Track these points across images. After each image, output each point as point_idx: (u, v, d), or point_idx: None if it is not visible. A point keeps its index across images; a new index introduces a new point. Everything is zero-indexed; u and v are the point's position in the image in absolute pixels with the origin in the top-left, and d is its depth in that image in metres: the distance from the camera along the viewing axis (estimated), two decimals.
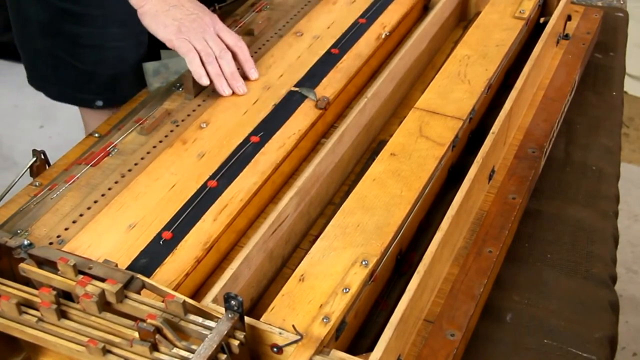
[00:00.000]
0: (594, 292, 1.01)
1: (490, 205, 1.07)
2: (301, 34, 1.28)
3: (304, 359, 0.76)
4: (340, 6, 1.35)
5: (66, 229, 0.93)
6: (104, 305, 0.77)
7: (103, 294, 0.77)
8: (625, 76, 1.47)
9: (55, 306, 0.77)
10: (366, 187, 0.97)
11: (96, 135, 1.14)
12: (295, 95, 1.15)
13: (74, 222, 0.94)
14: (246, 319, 0.77)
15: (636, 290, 2.06)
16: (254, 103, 1.13)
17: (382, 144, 1.07)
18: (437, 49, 1.38)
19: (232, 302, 0.74)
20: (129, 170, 1.01)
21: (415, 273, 0.84)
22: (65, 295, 0.80)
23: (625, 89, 1.44)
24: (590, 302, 0.99)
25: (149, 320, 0.74)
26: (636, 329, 1.95)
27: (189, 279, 0.90)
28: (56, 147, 1.22)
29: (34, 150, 1.07)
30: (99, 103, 1.37)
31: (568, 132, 1.28)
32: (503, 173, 1.12)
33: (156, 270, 0.88)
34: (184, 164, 1.02)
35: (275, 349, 0.78)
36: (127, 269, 0.85)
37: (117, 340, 0.76)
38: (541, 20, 1.42)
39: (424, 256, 0.86)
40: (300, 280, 0.85)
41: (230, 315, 0.75)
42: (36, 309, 0.79)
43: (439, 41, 1.38)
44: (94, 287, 0.77)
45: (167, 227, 0.93)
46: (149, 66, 1.23)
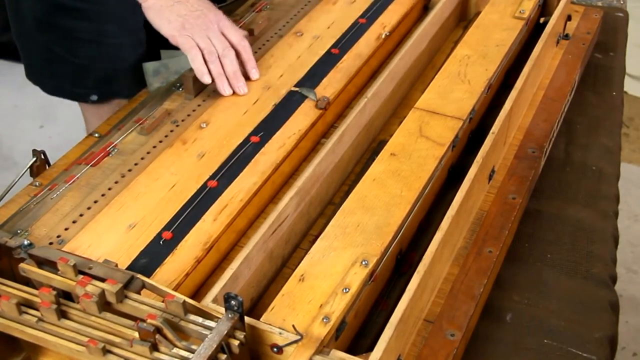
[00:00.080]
0: (594, 292, 1.01)
1: (490, 205, 1.07)
2: (301, 34, 1.28)
3: (304, 359, 0.76)
4: (340, 6, 1.35)
5: (66, 229, 0.93)
6: (104, 305, 0.77)
7: (103, 294, 0.77)
8: (625, 76, 1.47)
9: (55, 306, 0.77)
10: (366, 187, 0.97)
11: (96, 135, 1.14)
12: (295, 95, 1.15)
13: (74, 222, 0.94)
14: (246, 319, 0.77)
15: (636, 290, 2.06)
16: (254, 103, 1.13)
17: (382, 144, 1.07)
18: (437, 49, 1.38)
19: (232, 302, 0.74)
20: (129, 170, 1.01)
21: (415, 273, 0.84)
22: (65, 295, 0.80)
23: (625, 89, 1.44)
24: (590, 302, 0.99)
25: (149, 320, 0.74)
26: (636, 329, 1.95)
27: (189, 279, 0.90)
28: (56, 147, 1.22)
29: (34, 150, 1.07)
30: (94, 97, 1.36)
31: (568, 132, 1.28)
32: (503, 173, 1.12)
33: (156, 270, 0.88)
34: (184, 164, 1.02)
35: (275, 349, 0.78)
36: (127, 269, 0.85)
37: (117, 340, 0.76)
38: (541, 20, 1.42)
39: (424, 256, 0.86)
40: (300, 280, 0.85)
41: (230, 315, 0.75)
42: (36, 309, 0.79)
43: (439, 41, 1.38)
44: (94, 287, 0.77)
45: (167, 227, 0.93)
46: (149, 66, 1.23)
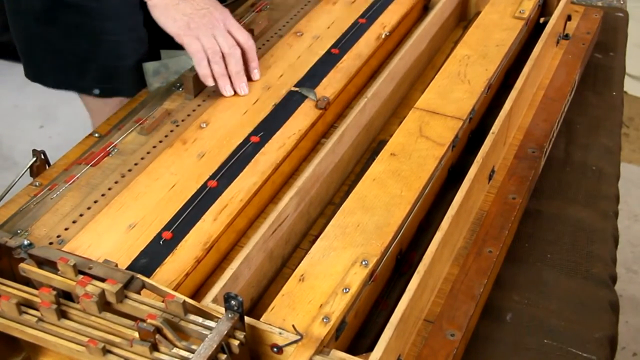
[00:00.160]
0: (594, 292, 1.01)
1: (490, 205, 1.07)
2: (301, 34, 1.28)
3: (304, 359, 0.76)
4: (340, 6, 1.35)
5: (66, 229, 0.93)
6: (104, 305, 0.77)
7: (103, 294, 0.77)
8: (625, 76, 1.47)
9: (55, 306, 0.77)
10: (366, 187, 0.97)
11: (96, 135, 1.14)
12: (295, 95, 1.15)
13: (74, 222, 0.94)
14: (246, 319, 0.77)
15: (636, 290, 2.06)
16: (254, 103, 1.13)
17: (382, 144, 1.07)
18: (437, 49, 1.38)
19: (232, 302, 0.74)
20: (129, 170, 1.01)
21: (415, 273, 0.84)
22: (65, 295, 0.80)
23: (625, 89, 1.44)
24: (590, 302, 0.99)
25: (149, 320, 0.74)
26: (636, 329, 1.95)
27: (189, 279, 0.90)
28: (56, 147, 1.22)
29: (34, 150, 1.07)
30: (96, 91, 1.36)
31: (568, 132, 1.28)
32: (503, 173, 1.12)
33: (156, 270, 0.88)
34: (184, 164, 1.02)
35: (275, 349, 0.78)
36: (127, 269, 0.85)
37: (117, 340, 0.76)
38: (541, 20, 1.42)
39: (424, 256, 0.86)
40: (300, 280, 0.85)
41: (230, 315, 0.75)
42: (36, 309, 0.79)
43: (439, 41, 1.38)
44: (94, 287, 0.77)
45: (167, 227, 0.93)
46: (149, 66, 1.23)
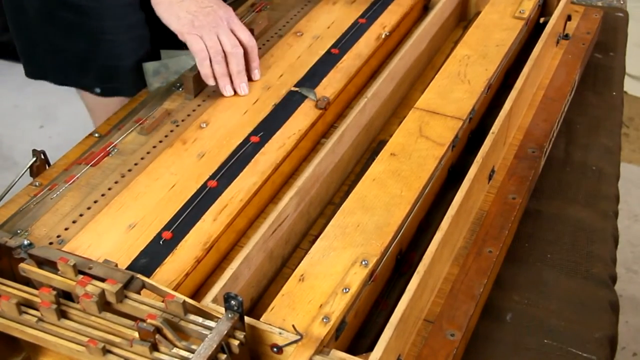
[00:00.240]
0: (594, 292, 1.01)
1: (490, 205, 1.07)
2: (301, 34, 1.28)
3: (304, 359, 0.76)
4: (340, 6, 1.35)
5: (66, 229, 0.93)
6: (104, 305, 0.77)
7: (103, 294, 0.77)
8: (625, 76, 1.47)
9: (55, 306, 0.77)
10: (366, 187, 0.97)
11: (96, 135, 1.14)
12: (295, 95, 1.15)
13: (74, 222, 0.94)
14: (246, 318, 0.77)
15: (636, 290, 2.06)
16: (254, 103, 1.13)
17: (382, 144, 1.07)
18: (437, 49, 1.38)
19: (232, 302, 0.74)
20: (129, 170, 1.01)
21: (415, 273, 0.84)
22: (65, 295, 0.80)
23: (625, 89, 1.44)
24: (590, 302, 0.99)
25: (149, 320, 0.74)
26: (636, 329, 1.95)
27: (189, 279, 0.90)
28: (56, 147, 1.22)
29: (34, 150, 1.07)
30: (97, 90, 1.35)
31: (568, 132, 1.28)
32: (503, 173, 1.12)
33: (156, 270, 0.88)
34: (184, 164, 1.02)
35: (275, 349, 0.78)
36: (127, 269, 0.85)
37: (117, 340, 0.76)
38: (541, 20, 1.42)
39: (424, 256, 0.86)
40: (300, 280, 0.85)
41: (230, 315, 0.75)
42: (36, 309, 0.79)
43: (439, 41, 1.38)
44: (94, 287, 0.77)
45: (167, 227, 0.93)
46: (149, 66, 1.23)
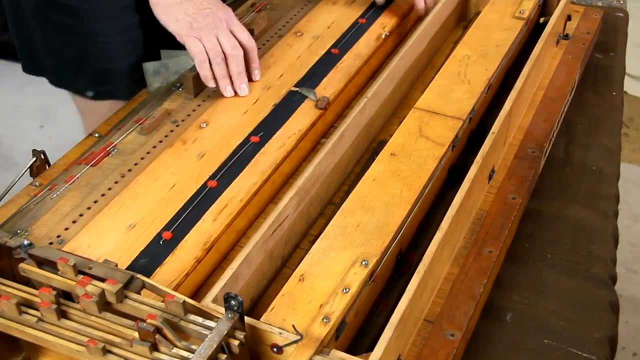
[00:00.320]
0: (594, 292, 1.01)
1: (490, 205, 1.07)
2: (301, 34, 1.28)
3: (304, 359, 0.76)
4: (340, 6, 1.35)
5: (66, 229, 0.93)
6: (104, 305, 0.77)
7: (103, 294, 0.77)
8: (625, 76, 1.47)
9: (55, 306, 0.77)
10: (366, 187, 0.97)
11: (96, 135, 1.14)
12: (295, 95, 1.15)
13: (74, 222, 0.94)
14: (246, 319, 0.77)
15: (636, 290, 2.06)
16: (254, 103, 1.13)
17: (382, 144, 1.07)
18: (437, 49, 1.38)
19: (232, 302, 0.74)
20: (129, 170, 1.01)
21: (415, 273, 0.84)
22: (65, 295, 0.80)
23: (625, 89, 1.44)
24: (590, 302, 0.99)
25: (149, 320, 0.74)
26: (636, 329, 1.95)
27: (189, 279, 0.90)
28: (56, 147, 1.22)
29: (34, 150, 1.07)
30: (89, 94, 1.35)
31: (568, 132, 1.28)
32: (503, 173, 1.12)
33: (156, 270, 0.88)
34: (184, 164, 1.02)
35: (275, 349, 0.78)
36: (127, 269, 0.85)
37: (117, 340, 0.76)
38: (541, 20, 1.42)
39: (424, 256, 0.86)
40: (300, 280, 0.85)
41: (230, 315, 0.75)
42: (36, 309, 0.79)
43: (439, 41, 1.38)
44: (94, 287, 0.77)
45: (167, 227, 0.93)
46: (149, 66, 1.23)
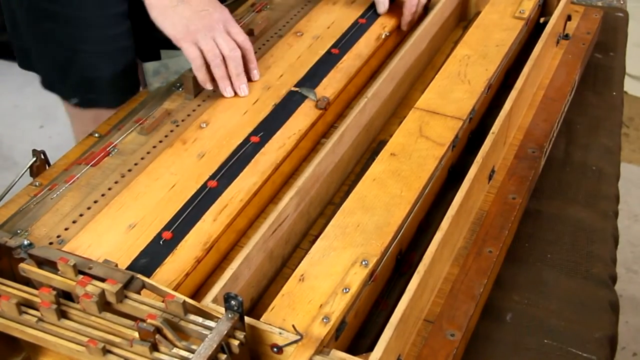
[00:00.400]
0: (594, 292, 1.01)
1: (490, 205, 1.07)
2: (301, 34, 1.28)
3: (304, 359, 0.76)
4: (340, 6, 1.35)
5: (66, 229, 0.93)
6: (104, 305, 0.77)
7: (103, 294, 0.77)
8: (625, 76, 1.47)
9: (55, 306, 0.77)
10: (366, 187, 0.97)
11: (96, 135, 1.14)
12: (295, 95, 1.15)
13: (74, 222, 0.94)
14: (246, 319, 0.77)
15: (636, 290, 2.06)
16: (254, 103, 1.13)
17: (382, 144, 1.07)
18: (437, 49, 1.38)
19: (232, 302, 0.74)
20: (129, 170, 1.01)
21: (415, 273, 0.84)
22: (65, 295, 0.80)
23: (625, 89, 1.44)
24: (590, 302, 0.99)
25: (149, 320, 0.74)
26: (636, 329, 1.95)
27: (189, 279, 0.90)
28: (56, 147, 1.22)
29: (34, 150, 1.07)
30: (74, 101, 1.35)
31: (568, 132, 1.28)
32: (503, 173, 1.12)
33: (156, 270, 0.88)
34: (184, 164, 1.02)
35: (275, 349, 0.78)
36: (127, 269, 0.85)
37: (117, 340, 0.76)
38: (541, 20, 1.42)
39: (424, 256, 0.86)
40: (300, 280, 0.85)
41: (230, 315, 0.75)
42: (36, 309, 0.79)
43: (439, 41, 1.38)
44: (94, 287, 0.77)
45: (167, 227, 0.93)
46: (149, 66, 1.23)
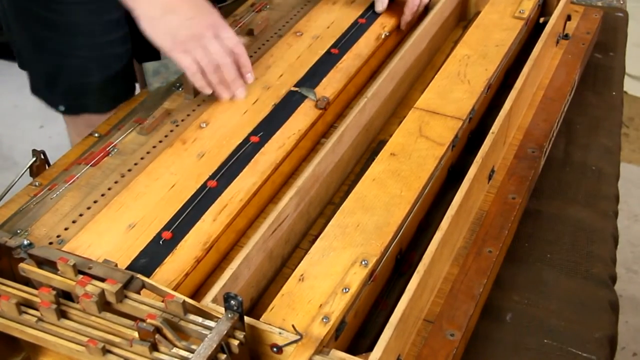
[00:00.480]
0: (594, 292, 1.01)
1: (490, 205, 1.07)
2: (301, 34, 1.28)
3: (303, 359, 0.76)
4: (340, 6, 1.35)
5: (66, 229, 0.93)
6: (104, 305, 0.77)
7: (103, 293, 0.77)
8: (625, 76, 1.47)
9: (55, 306, 0.77)
10: (366, 187, 0.97)
11: (96, 135, 1.14)
12: (295, 95, 1.15)
13: (74, 222, 0.94)
14: (246, 318, 0.77)
15: (636, 290, 2.06)
16: (254, 103, 1.13)
17: (382, 144, 1.07)
18: (437, 49, 1.38)
19: (232, 302, 0.74)
20: (129, 170, 1.01)
21: (415, 273, 0.84)
22: (65, 295, 0.80)
23: (625, 89, 1.44)
24: (590, 302, 0.99)
25: (148, 320, 0.74)
26: (636, 329, 1.95)
27: (188, 279, 0.90)
28: (56, 147, 1.22)
29: (34, 150, 1.07)
30: (62, 108, 1.34)
31: (568, 132, 1.28)
32: (503, 173, 1.12)
33: (156, 270, 0.88)
34: (183, 164, 1.02)
35: (275, 349, 0.78)
36: (127, 269, 0.85)
37: (117, 340, 0.76)
38: (541, 20, 1.42)
39: (424, 256, 0.86)
40: (300, 280, 0.85)
41: (230, 315, 0.75)
42: (36, 309, 0.79)
43: (439, 41, 1.38)
44: (93, 287, 0.77)
45: (167, 227, 0.93)
46: (149, 66, 1.23)
